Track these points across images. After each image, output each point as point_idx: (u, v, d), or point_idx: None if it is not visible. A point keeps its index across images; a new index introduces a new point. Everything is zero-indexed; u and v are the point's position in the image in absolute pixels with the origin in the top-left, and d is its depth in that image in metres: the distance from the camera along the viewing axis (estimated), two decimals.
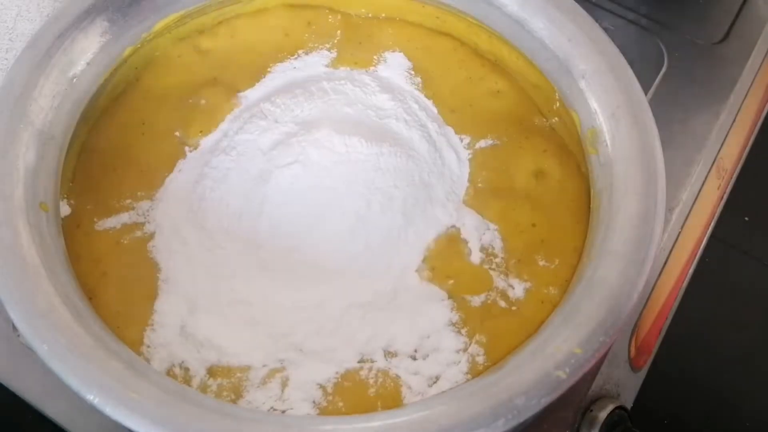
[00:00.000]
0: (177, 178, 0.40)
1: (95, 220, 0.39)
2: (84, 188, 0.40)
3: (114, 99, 0.43)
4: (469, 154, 0.42)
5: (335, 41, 0.45)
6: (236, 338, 0.35)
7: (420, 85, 0.44)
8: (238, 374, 0.35)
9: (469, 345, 0.36)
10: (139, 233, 0.38)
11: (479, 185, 0.41)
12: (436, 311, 0.37)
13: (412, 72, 0.44)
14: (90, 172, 0.40)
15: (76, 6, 0.40)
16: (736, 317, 0.63)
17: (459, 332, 0.36)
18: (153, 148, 0.41)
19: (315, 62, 0.45)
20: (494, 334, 0.36)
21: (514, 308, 0.37)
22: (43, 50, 0.39)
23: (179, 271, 0.37)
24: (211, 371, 0.35)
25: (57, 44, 0.39)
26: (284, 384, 0.34)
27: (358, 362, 0.35)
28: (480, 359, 0.35)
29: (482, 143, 0.42)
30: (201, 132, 0.42)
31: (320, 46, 0.45)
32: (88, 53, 0.40)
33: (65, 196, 0.39)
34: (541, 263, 0.38)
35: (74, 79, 0.39)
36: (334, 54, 0.45)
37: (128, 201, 0.39)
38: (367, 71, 0.44)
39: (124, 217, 0.39)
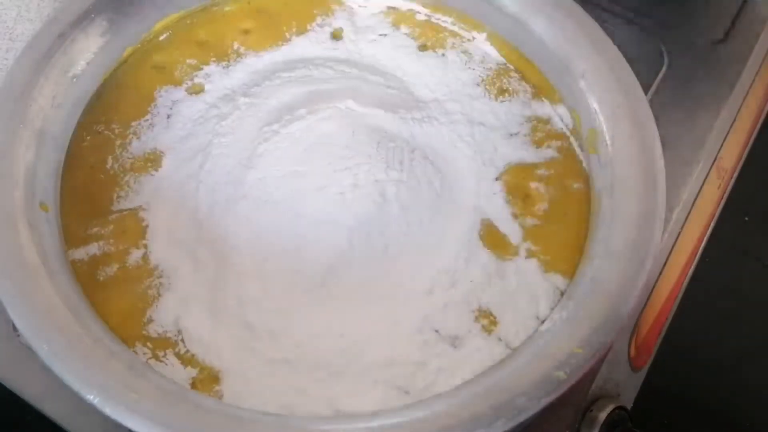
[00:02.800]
0: (175, 180, 0.40)
1: (65, 249, 0.36)
2: (64, 205, 0.38)
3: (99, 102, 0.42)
4: None
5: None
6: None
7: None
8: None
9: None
10: (115, 265, 0.36)
11: None
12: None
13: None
14: (72, 184, 0.39)
15: (76, 6, 0.40)
16: (736, 317, 0.62)
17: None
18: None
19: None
20: None
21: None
22: (43, 50, 0.39)
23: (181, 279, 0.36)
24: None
25: (57, 44, 0.39)
26: None
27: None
28: None
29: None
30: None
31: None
32: (88, 53, 0.40)
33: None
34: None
35: (74, 79, 0.39)
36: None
37: (96, 229, 0.37)
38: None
39: (93, 248, 0.37)
